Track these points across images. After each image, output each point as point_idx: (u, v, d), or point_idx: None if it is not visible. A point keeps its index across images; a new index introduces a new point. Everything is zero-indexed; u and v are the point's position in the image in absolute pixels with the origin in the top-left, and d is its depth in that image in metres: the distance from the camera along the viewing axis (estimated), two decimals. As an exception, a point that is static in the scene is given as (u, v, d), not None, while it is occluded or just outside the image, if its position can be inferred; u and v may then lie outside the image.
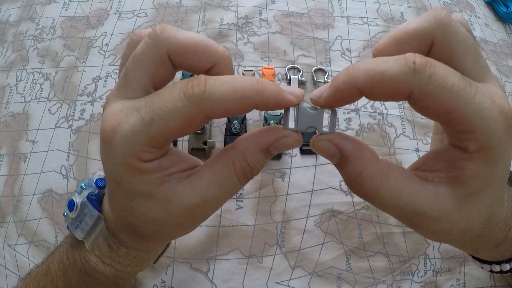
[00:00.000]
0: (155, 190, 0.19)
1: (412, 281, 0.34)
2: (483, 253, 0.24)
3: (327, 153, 0.19)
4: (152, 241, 0.24)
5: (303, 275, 0.34)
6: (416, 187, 0.19)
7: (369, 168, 0.18)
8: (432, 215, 0.18)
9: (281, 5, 0.46)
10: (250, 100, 0.17)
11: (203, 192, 0.19)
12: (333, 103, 0.19)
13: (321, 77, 0.41)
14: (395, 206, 0.19)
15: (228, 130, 0.37)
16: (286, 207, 0.36)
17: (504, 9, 0.51)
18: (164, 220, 0.20)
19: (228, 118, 0.38)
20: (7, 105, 0.43)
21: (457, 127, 0.17)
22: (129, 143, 0.18)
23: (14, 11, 0.51)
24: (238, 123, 0.37)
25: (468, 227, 0.20)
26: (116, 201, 0.22)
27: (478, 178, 0.18)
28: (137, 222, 0.21)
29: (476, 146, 0.17)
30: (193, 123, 0.18)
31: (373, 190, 0.18)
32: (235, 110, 0.17)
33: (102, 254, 0.23)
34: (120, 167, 0.19)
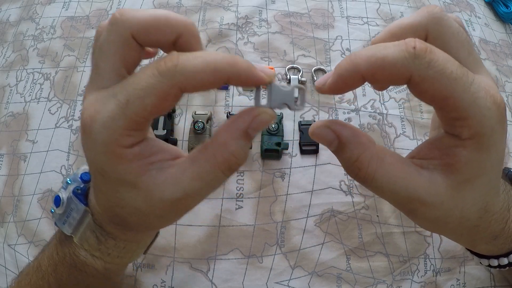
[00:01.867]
0: (138, 180, 0.19)
1: (412, 281, 0.34)
2: (480, 246, 0.24)
3: (326, 140, 0.20)
4: (139, 231, 0.24)
5: (303, 275, 0.34)
6: (411, 172, 0.19)
7: (366, 153, 0.19)
8: (426, 201, 0.19)
9: (281, 5, 0.46)
10: (222, 72, 0.18)
11: (186, 186, 0.19)
12: (337, 90, 0.19)
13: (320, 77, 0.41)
14: (391, 190, 0.19)
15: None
16: (286, 207, 0.36)
17: (504, 9, 0.51)
18: (147, 211, 0.20)
19: (228, 118, 0.38)
20: (7, 105, 0.43)
21: (452, 114, 0.18)
22: (108, 129, 0.18)
23: (14, 11, 0.51)
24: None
25: (463, 215, 0.20)
26: (101, 193, 0.22)
27: (471, 165, 0.18)
28: (123, 213, 0.21)
29: (469, 133, 0.18)
30: (168, 98, 0.18)
31: (370, 174, 0.19)
32: (208, 82, 0.18)
33: (91, 248, 0.23)
34: (102, 156, 0.19)
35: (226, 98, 0.40)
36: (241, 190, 0.36)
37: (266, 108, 0.20)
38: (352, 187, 0.37)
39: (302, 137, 0.38)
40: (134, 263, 0.34)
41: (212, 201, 0.36)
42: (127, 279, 0.34)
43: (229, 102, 0.40)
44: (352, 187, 0.37)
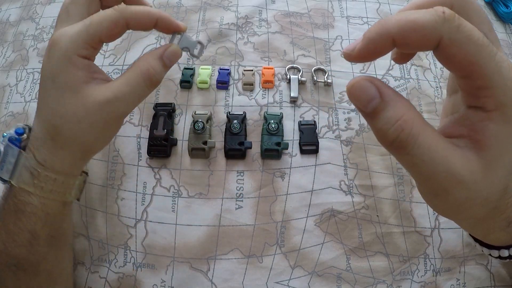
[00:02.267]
0: (81, 86, 0.25)
1: (412, 281, 0.34)
2: (494, 234, 0.24)
3: (367, 95, 0.19)
4: (71, 148, 0.27)
5: (303, 275, 0.34)
6: (450, 147, 0.19)
7: (410, 113, 0.18)
8: (464, 179, 0.18)
9: (281, 5, 0.46)
10: (154, 16, 0.26)
11: (115, 90, 0.26)
12: (366, 56, 0.19)
13: (321, 77, 0.41)
14: (432, 160, 0.18)
15: (228, 130, 0.37)
16: (286, 207, 0.36)
17: (504, 9, 0.51)
18: (83, 116, 0.25)
19: (228, 118, 0.38)
20: (7, 105, 0.43)
21: (477, 82, 0.18)
22: (72, 40, 0.25)
23: (14, 11, 0.51)
24: (238, 123, 0.37)
25: (488, 196, 0.20)
26: (45, 104, 0.26)
27: (499, 139, 0.18)
28: (61, 122, 0.26)
29: (494, 104, 0.18)
30: (118, 26, 0.26)
31: (414, 135, 0.18)
32: (144, 21, 0.26)
33: (27, 185, 0.27)
34: (61, 61, 0.25)
35: (226, 98, 0.40)
36: (241, 190, 0.36)
37: (175, 45, 0.28)
38: (352, 187, 0.37)
39: (302, 137, 0.38)
40: (134, 263, 0.34)
41: (212, 201, 0.36)
42: (127, 279, 0.34)
43: (229, 102, 0.40)
44: (352, 187, 0.37)
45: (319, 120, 0.39)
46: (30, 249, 0.28)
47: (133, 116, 0.39)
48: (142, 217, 0.36)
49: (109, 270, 0.35)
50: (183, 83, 0.40)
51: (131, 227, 0.35)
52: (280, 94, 0.40)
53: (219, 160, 0.37)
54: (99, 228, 0.36)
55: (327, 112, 0.40)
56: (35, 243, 0.28)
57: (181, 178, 0.37)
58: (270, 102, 0.40)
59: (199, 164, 0.37)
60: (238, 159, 0.37)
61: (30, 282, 0.28)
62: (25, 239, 0.27)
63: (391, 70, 0.42)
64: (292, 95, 0.40)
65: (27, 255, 0.28)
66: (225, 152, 0.37)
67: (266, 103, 0.40)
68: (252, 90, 0.41)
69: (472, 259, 0.36)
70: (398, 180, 0.37)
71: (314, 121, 0.39)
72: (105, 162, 0.38)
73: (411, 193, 0.37)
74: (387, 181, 0.37)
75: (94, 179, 0.37)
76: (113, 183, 0.37)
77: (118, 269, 0.35)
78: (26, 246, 0.27)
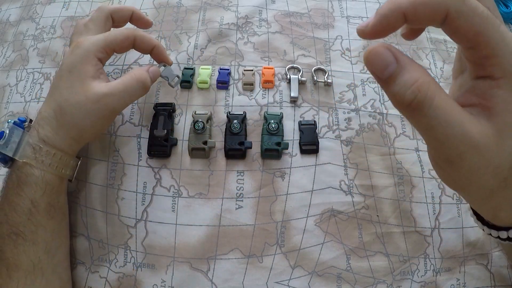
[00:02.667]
0: (88, 79, 0.32)
1: (412, 280, 0.34)
2: (504, 212, 0.23)
3: (384, 61, 0.19)
4: (70, 129, 0.32)
5: (303, 275, 0.34)
6: (464, 112, 0.19)
7: (425, 77, 0.19)
8: (479, 143, 0.19)
9: (281, 5, 0.46)
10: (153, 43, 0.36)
11: (111, 87, 0.32)
12: (379, 32, 0.20)
13: (321, 77, 0.41)
14: (447, 123, 0.19)
15: (228, 130, 0.37)
16: (286, 207, 0.36)
17: (504, 9, 0.51)
18: (83, 103, 0.31)
19: (228, 118, 0.38)
20: (7, 104, 0.43)
21: (484, 51, 0.19)
22: (93, 44, 0.33)
23: (14, 11, 0.51)
24: (238, 123, 0.37)
25: (499, 164, 0.20)
26: (58, 90, 0.32)
27: (508, 106, 0.19)
28: (65, 105, 0.32)
29: (500, 72, 0.19)
30: (128, 41, 0.34)
31: (430, 97, 0.18)
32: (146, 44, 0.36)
33: (29, 158, 0.31)
34: (81, 56, 0.32)
35: (226, 98, 0.40)
36: (241, 190, 0.36)
37: (157, 67, 0.37)
38: (352, 187, 0.37)
39: (302, 137, 0.38)
40: (134, 262, 0.34)
41: (212, 201, 0.36)
42: (127, 279, 0.34)
43: (229, 102, 0.40)
44: (352, 187, 0.37)
45: (319, 120, 0.39)
46: (29, 216, 0.31)
47: (133, 116, 0.39)
48: (142, 217, 0.36)
49: (109, 270, 0.35)
50: (183, 83, 0.40)
51: (131, 227, 0.35)
52: (280, 94, 0.40)
53: (219, 160, 0.37)
54: (99, 228, 0.36)
55: (327, 112, 0.40)
56: (35, 210, 0.31)
57: (181, 178, 0.37)
58: (270, 102, 0.40)
59: (199, 164, 0.37)
60: (238, 159, 0.37)
61: (28, 251, 0.30)
62: (25, 207, 0.30)
63: (391, 70, 0.42)
64: (292, 95, 0.40)
65: (26, 221, 0.30)
66: (225, 152, 0.37)
67: (266, 103, 0.40)
68: (252, 90, 0.41)
69: (472, 259, 0.36)
70: (398, 180, 0.37)
71: (314, 121, 0.39)
72: (105, 162, 0.38)
73: (411, 193, 0.37)
74: (387, 181, 0.37)
75: (94, 179, 0.37)
76: (113, 183, 0.37)
77: (118, 269, 0.35)
78: (26, 213, 0.30)
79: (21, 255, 0.30)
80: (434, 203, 0.37)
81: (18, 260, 0.30)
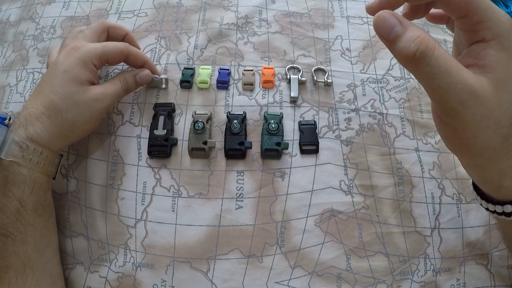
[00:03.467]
0: (85, 82, 0.33)
1: (412, 280, 0.34)
2: (509, 181, 0.25)
3: (390, 23, 0.23)
4: (61, 126, 0.32)
5: (303, 275, 0.34)
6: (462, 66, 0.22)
7: (426, 34, 0.22)
8: (478, 92, 0.22)
9: (281, 5, 0.46)
10: (144, 59, 0.39)
11: (104, 89, 0.35)
12: (383, 7, 0.24)
13: (321, 77, 0.41)
14: (448, 71, 0.21)
15: (228, 130, 0.37)
16: (286, 207, 0.36)
17: (504, 9, 0.51)
18: (79, 101, 0.33)
19: (228, 118, 0.38)
20: (7, 104, 0.43)
21: (474, 18, 0.22)
22: (90, 52, 0.34)
23: (14, 11, 0.51)
24: (238, 123, 0.37)
25: (499, 119, 0.22)
26: (50, 87, 0.32)
27: (501, 63, 0.22)
28: (60, 101, 0.32)
29: (491, 34, 0.22)
30: (122, 55, 0.36)
31: (431, 48, 0.21)
32: (137, 59, 0.38)
33: (16, 157, 0.31)
34: (79, 62, 0.33)
35: (226, 98, 0.40)
36: (241, 190, 0.36)
37: (148, 71, 0.39)
38: (352, 187, 0.37)
39: (302, 137, 0.38)
40: (133, 262, 0.34)
41: (212, 201, 0.36)
42: (126, 279, 0.34)
43: (229, 102, 0.40)
44: (352, 187, 0.37)
45: (319, 120, 0.39)
46: (18, 216, 0.30)
47: (133, 116, 0.39)
48: (142, 217, 0.36)
49: (109, 269, 0.35)
50: (183, 83, 0.40)
51: (131, 227, 0.35)
52: (280, 94, 0.40)
53: (219, 160, 0.37)
54: (99, 228, 0.36)
55: (327, 112, 0.40)
56: (23, 210, 0.31)
57: (181, 178, 0.37)
58: (270, 102, 0.40)
59: (199, 164, 0.37)
60: (238, 159, 0.37)
61: (18, 251, 0.30)
62: (13, 207, 0.30)
63: (391, 70, 0.42)
64: (292, 95, 0.40)
65: (15, 222, 0.30)
66: (225, 152, 0.37)
67: (266, 103, 0.40)
68: (252, 90, 0.41)
69: (472, 259, 0.36)
70: (398, 180, 0.37)
71: (314, 121, 0.39)
72: (105, 162, 0.38)
73: (411, 193, 0.37)
74: (387, 181, 0.37)
75: (94, 179, 0.37)
76: (113, 183, 0.37)
77: (118, 269, 0.35)
78: (14, 213, 0.30)
79: (11, 256, 0.30)
80: (434, 203, 0.37)
81: (8, 262, 0.30)
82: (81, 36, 0.36)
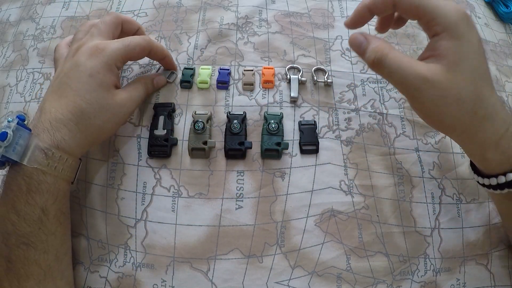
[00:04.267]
0: (111, 87, 0.33)
1: (412, 281, 0.34)
2: (490, 153, 0.28)
3: (359, 41, 0.30)
4: (88, 132, 0.32)
5: (303, 275, 0.34)
6: (414, 60, 0.28)
7: (383, 43, 0.29)
8: (429, 77, 0.26)
9: (281, 5, 0.46)
10: (166, 53, 0.39)
11: (129, 94, 0.35)
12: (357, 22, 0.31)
13: (321, 77, 0.41)
14: (400, 67, 0.27)
15: (228, 130, 0.37)
16: (286, 207, 0.36)
17: (504, 9, 0.51)
18: (107, 107, 0.32)
19: (228, 118, 0.38)
20: (7, 105, 0.43)
21: (426, 17, 0.27)
22: (115, 53, 0.33)
23: (14, 11, 0.51)
24: (238, 123, 0.37)
25: (459, 97, 0.26)
26: (76, 91, 0.31)
27: (451, 50, 0.27)
28: (87, 107, 0.31)
29: (441, 28, 0.27)
30: (145, 52, 0.36)
31: (384, 54, 0.28)
32: (159, 54, 0.38)
33: (41, 165, 0.29)
34: (105, 66, 0.32)
35: (226, 98, 0.40)
36: (241, 190, 0.36)
37: (163, 76, 0.40)
38: (352, 187, 0.37)
39: (302, 137, 0.38)
40: (133, 262, 0.34)
41: (212, 201, 0.36)
42: (126, 279, 0.34)
43: (229, 102, 0.40)
44: (352, 187, 0.37)
45: (319, 120, 0.39)
46: (40, 226, 0.29)
47: (133, 116, 0.39)
48: (142, 217, 0.36)
49: (110, 269, 0.35)
50: (183, 83, 0.40)
51: (131, 227, 0.35)
52: (280, 94, 0.40)
53: (219, 160, 0.37)
54: (99, 228, 0.36)
55: (327, 112, 0.40)
56: (45, 219, 0.29)
57: (181, 178, 0.37)
58: (270, 102, 0.40)
59: (199, 164, 0.37)
60: (238, 159, 0.37)
61: (39, 260, 0.29)
62: (36, 216, 0.29)
63: (391, 70, 0.42)
64: (292, 95, 0.40)
65: (37, 231, 0.29)
66: (225, 152, 0.37)
67: (266, 103, 0.40)
68: (252, 90, 0.41)
69: (472, 259, 0.36)
70: (398, 180, 0.37)
71: (314, 121, 0.39)
72: (105, 162, 0.38)
73: (411, 193, 0.37)
74: (387, 181, 0.37)
75: (94, 179, 0.37)
76: (113, 183, 0.37)
77: (118, 269, 0.35)
78: (37, 222, 0.29)
79: (32, 265, 0.29)
80: (434, 203, 0.37)
81: (29, 270, 0.29)
82: (97, 32, 0.34)
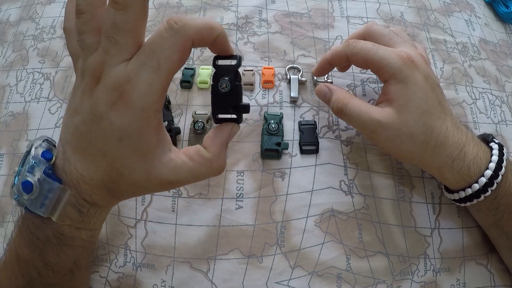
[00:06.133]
0: (150, 151, 0.23)
1: (412, 281, 0.34)
2: (448, 173, 0.31)
3: (324, 92, 0.35)
4: (122, 197, 0.27)
5: (303, 275, 0.34)
6: (371, 106, 0.31)
7: (344, 94, 0.33)
8: (382, 122, 0.30)
9: (281, 5, 0.46)
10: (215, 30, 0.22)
11: (180, 176, 0.24)
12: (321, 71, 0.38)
13: (321, 77, 0.41)
14: (358, 114, 0.31)
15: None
16: (286, 207, 0.36)
17: (504, 9, 0.51)
18: (143, 182, 0.24)
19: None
20: (7, 105, 0.43)
21: (375, 67, 0.31)
22: (147, 95, 0.21)
23: (14, 11, 0.51)
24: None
25: (412, 133, 0.29)
26: (105, 159, 0.24)
27: (399, 93, 0.30)
28: (119, 179, 0.24)
29: (388, 75, 0.30)
30: (186, 51, 0.22)
31: (345, 103, 0.32)
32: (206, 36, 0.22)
33: (74, 221, 0.25)
34: (139, 120, 0.22)
35: (226, 98, 0.40)
36: (241, 190, 0.36)
37: (237, 126, 0.27)
38: (352, 187, 0.37)
39: (302, 137, 0.38)
40: (134, 263, 0.34)
41: (212, 201, 0.36)
42: (127, 279, 0.34)
43: (229, 102, 0.40)
44: (352, 187, 0.37)
45: (319, 120, 0.39)
46: (71, 278, 0.28)
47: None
48: (142, 217, 0.36)
49: (110, 269, 0.35)
50: (183, 83, 0.40)
51: (131, 227, 0.35)
52: (280, 94, 0.40)
53: (219, 160, 0.37)
54: (99, 228, 0.36)
55: (327, 112, 0.40)
56: (76, 270, 0.28)
57: (181, 178, 0.37)
58: (270, 102, 0.40)
59: (199, 164, 0.37)
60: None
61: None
62: (66, 268, 0.27)
63: (391, 70, 0.42)
64: (292, 95, 0.40)
65: (67, 283, 0.28)
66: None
67: (266, 103, 0.40)
68: (252, 90, 0.41)
69: (472, 259, 0.36)
70: (398, 180, 0.37)
71: (314, 121, 0.39)
72: (105, 162, 0.38)
73: (411, 193, 0.37)
74: (387, 181, 0.37)
75: (94, 179, 0.37)
76: (113, 183, 0.37)
77: (118, 269, 0.35)
78: (67, 275, 0.27)
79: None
80: (434, 203, 0.37)
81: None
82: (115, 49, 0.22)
